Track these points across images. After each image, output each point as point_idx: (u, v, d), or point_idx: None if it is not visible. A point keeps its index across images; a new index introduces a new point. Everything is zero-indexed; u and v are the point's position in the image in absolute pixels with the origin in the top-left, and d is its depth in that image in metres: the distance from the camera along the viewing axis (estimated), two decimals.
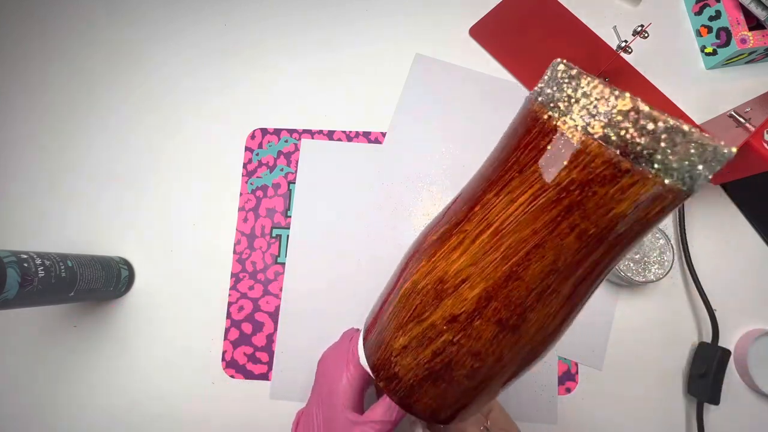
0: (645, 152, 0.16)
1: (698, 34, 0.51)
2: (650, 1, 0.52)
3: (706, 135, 0.17)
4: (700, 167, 0.17)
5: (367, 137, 0.51)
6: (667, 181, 0.17)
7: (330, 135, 0.51)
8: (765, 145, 0.36)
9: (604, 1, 0.53)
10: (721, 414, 0.44)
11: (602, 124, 0.16)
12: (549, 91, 0.19)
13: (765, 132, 0.36)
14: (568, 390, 0.45)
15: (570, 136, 0.17)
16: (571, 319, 0.22)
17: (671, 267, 0.43)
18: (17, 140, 0.53)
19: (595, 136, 0.17)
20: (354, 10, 0.54)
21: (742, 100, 0.45)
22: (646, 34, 0.43)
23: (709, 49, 0.49)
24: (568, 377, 0.45)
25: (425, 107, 0.51)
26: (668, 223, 0.47)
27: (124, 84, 0.54)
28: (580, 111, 0.17)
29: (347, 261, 0.48)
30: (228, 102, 0.52)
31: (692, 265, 0.45)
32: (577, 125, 0.17)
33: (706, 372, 0.42)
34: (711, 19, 0.49)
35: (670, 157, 0.16)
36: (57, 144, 0.53)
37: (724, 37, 0.47)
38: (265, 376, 0.46)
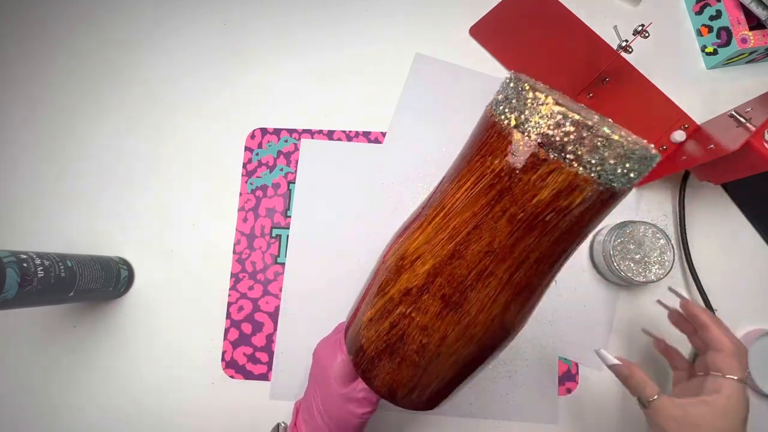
0: (559, 144, 0.19)
1: (699, 33, 0.50)
2: (650, 1, 0.52)
3: (622, 133, 0.19)
4: (612, 161, 0.19)
5: (367, 137, 0.51)
6: (579, 171, 0.19)
7: (330, 135, 0.51)
8: (765, 145, 0.36)
9: (604, 1, 0.52)
10: None
11: (531, 123, 0.19)
12: (499, 97, 0.22)
13: (765, 132, 0.36)
14: (569, 390, 0.45)
15: (505, 131, 0.20)
16: (518, 311, 0.23)
17: (672, 267, 0.43)
18: (17, 140, 0.53)
19: (523, 131, 0.20)
20: (354, 9, 0.54)
21: (742, 99, 0.45)
22: (646, 34, 0.43)
23: (709, 49, 0.49)
24: (568, 377, 0.45)
25: (425, 107, 0.51)
26: (668, 223, 0.47)
27: (123, 84, 0.54)
28: (516, 112, 0.20)
29: (347, 261, 0.48)
30: (228, 102, 0.52)
31: (692, 265, 0.45)
32: (511, 123, 0.20)
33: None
34: (711, 18, 0.48)
35: (580, 149, 0.18)
36: (56, 144, 0.53)
37: (725, 36, 0.47)
38: (264, 377, 0.46)
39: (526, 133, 0.20)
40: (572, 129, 0.18)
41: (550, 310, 0.46)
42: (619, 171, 0.19)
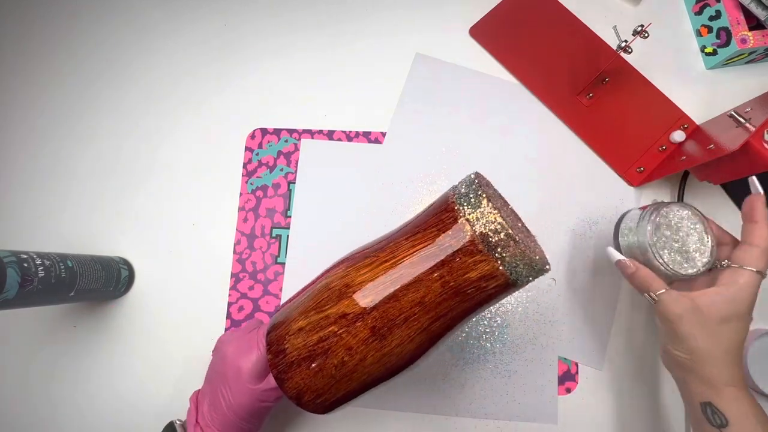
0: (493, 244, 0.26)
1: (698, 33, 0.51)
2: (650, 1, 0.52)
3: (531, 248, 0.27)
4: (521, 267, 0.26)
5: (367, 137, 0.51)
6: (500, 268, 0.26)
7: (330, 135, 0.51)
8: (765, 145, 0.36)
9: (604, 1, 0.53)
10: None
11: (479, 222, 0.26)
12: (462, 189, 0.28)
13: (765, 132, 0.36)
14: (568, 390, 0.45)
15: (459, 219, 0.27)
16: (424, 351, 0.29)
17: (713, 253, 0.36)
18: (17, 140, 0.53)
19: (471, 225, 0.26)
20: (354, 10, 0.54)
21: (742, 100, 0.45)
22: (646, 34, 0.43)
23: (709, 49, 0.49)
24: (568, 377, 0.45)
25: (425, 107, 0.51)
26: None
27: (124, 84, 0.54)
28: (471, 208, 0.27)
29: None
30: (228, 102, 0.52)
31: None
32: (465, 215, 0.27)
33: None
34: (711, 18, 0.48)
35: (504, 253, 0.26)
36: (57, 144, 0.53)
37: (725, 36, 0.47)
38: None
39: (473, 227, 0.26)
40: (504, 238, 0.26)
41: (550, 310, 0.46)
42: (524, 274, 0.26)
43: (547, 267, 0.28)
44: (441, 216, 0.28)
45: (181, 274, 0.49)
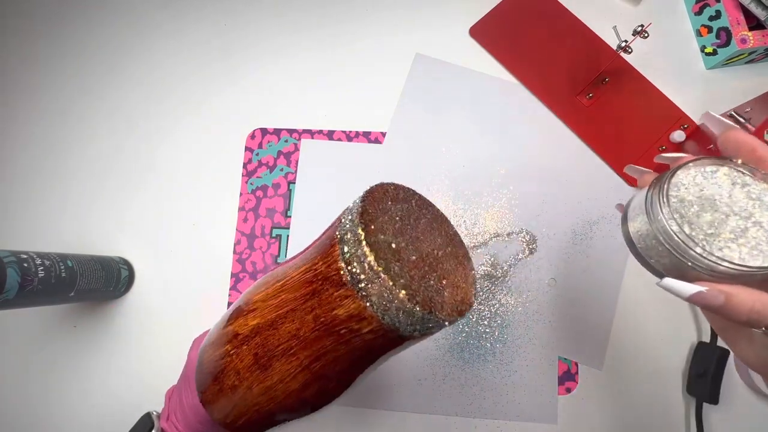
0: (357, 280, 0.20)
1: (698, 34, 0.51)
2: (650, 1, 0.52)
3: (401, 291, 0.20)
4: (394, 311, 0.20)
5: (367, 137, 0.51)
6: (368, 307, 0.20)
7: (330, 135, 0.51)
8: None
9: (604, 1, 0.53)
10: (720, 414, 0.44)
11: (351, 248, 0.21)
12: (345, 221, 0.23)
13: (765, 132, 0.36)
14: (568, 390, 0.45)
15: (336, 246, 0.22)
16: (316, 392, 0.25)
17: None
18: (17, 140, 0.53)
19: (343, 253, 0.21)
20: (354, 10, 0.54)
21: (742, 100, 0.45)
22: (646, 34, 0.43)
23: (709, 49, 0.49)
24: (568, 377, 0.45)
25: (425, 107, 0.51)
26: None
27: (124, 84, 0.54)
28: (346, 232, 0.22)
29: None
30: (228, 102, 0.52)
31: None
32: (343, 247, 0.21)
33: (705, 372, 0.42)
34: (711, 19, 0.49)
35: (371, 290, 0.20)
36: (57, 144, 0.53)
37: (724, 37, 0.47)
38: None
39: (343, 253, 0.21)
40: (368, 270, 0.20)
41: (550, 310, 0.46)
42: (404, 321, 0.20)
43: (440, 318, 0.21)
44: (325, 236, 0.24)
45: (181, 274, 0.49)
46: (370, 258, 0.20)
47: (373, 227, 0.21)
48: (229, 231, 0.50)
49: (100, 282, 0.44)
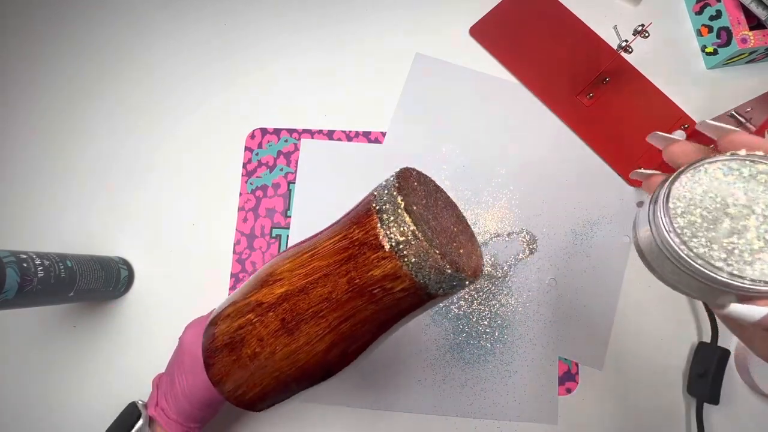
0: (396, 242, 0.23)
1: (699, 33, 0.50)
2: (650, 1, 0.52)
3: (449, 253, 0.24)
4: (427, 270, 0.23)
5: (367, 137, 0.51)
6: (404, 268, 0.23)
7: (330, 135, 0.51)
8: None
9: (604, 1, 0.52)
10: (720, 414, 0.44)
11: (389, 216, 0.24)
12: (383, 183, 0.26)
13: (765, 132, 0.36)
14: (568, 390, 0.45)
15: (371, 213, 0.25)
16: (338, 354, 0.27)
17: None
18: (17, 140, 0.53)
19: (381, 220, 0.24)
20: (354, 10, 0.54)
21: (742, 99, 0.45)
22: (646, 34, 0.43)
23: (709, 49, 0.49)
24: (568, 377, 0.45)
25: (425, 107, 0.51)
26: None
27: (123, 84, 0.54)
28: (385, 203, 0.24)
29: None
30: (228, 102, 0.52)
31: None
32: (378, 208, 0.24)
33: (706, 372, 0.42)
34: (712, 18, 0.48)
35: (408, 252, 0.23)
36: (57, 144, 0.52)
37: (725, 36, 0.47)
38: None
39: (381, 221, 0.24)
40: (410, 236, 0.23)
41: (550, 310, 0.46)
42: (434, 279, 0.23)
43: (464, 276, 0.24)
44: (359, 209, 0.27)
45: (181, 274, 0.49)
46: (409, 222, 0.23)
47: (408, 199, 0.24)
48: (228, 231, 0.50)
49: (99, 282, 0.44)
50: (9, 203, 0.51)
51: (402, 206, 0.23)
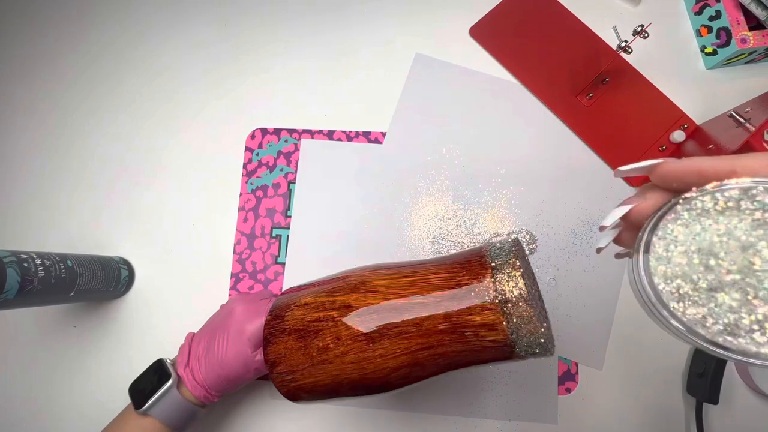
0: (504, 300, 0.26)
1: (698, 33, 0.51)
2: (650, 1, 0.52)
3: (540, 322, 0.25)
4: (524, 333, 0.25)
5: (367, 137, 0.51)
6: (504, 323, 0.25)
7: (330, 135, 0.51)
8: (765, 145, 0.36)
9: (604, 1, 0.53)
10: (720, 413, 0.44)
11: (502, 274, 0.26)
12: (498, 244, 0.29)
13: (765, 132, 0.36)
14: (568, 390, 0.45)
15: (486, 267, 0.27)
16: (402, 376, 0.28)
17: None
18: (18, 141, 0.53)
19: (494, 275, 0.27)
20: (354, 10, 0.54)
21: (742, 100, 0.45)
22: (646, 34, 0.43)
23: (709, 49, 0.49)
24: (568, 377, 0.45)
25: (425, 107, 0.51)
26: None
27: (124, 85, 0.54)
28: (500, 260, 0.27)
29: (347, 261, 0.48)
30: (228, 102, 0.52)
31: None
32: (492, 263, 0.27)
33: (705, 372, 0.42)
34: (711, 19, 0.49)
35: (513, 311, 0.25)
36: (57, 144, 0.53)
37: (724, 37, 0.47)
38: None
39: (494, 276, 0.26)
40: (517, 296, 0.25)
41: (551, 310, 0.46)
42: (524, 341, 0.26)
43: (549, 348, 0.26)
44: (469, 257, 0.29)
45: (181, 274, 0.49)
46: (522, 287, 0.25)
47: (523, 265, 0.27)
48: (229, 231, 0.50)
49: (100, 282, 0.44)
50: (10, 203, 0.51)
51: (520, 272, 0.26)
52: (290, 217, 0.49)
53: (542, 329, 0.25)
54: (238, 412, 0.46)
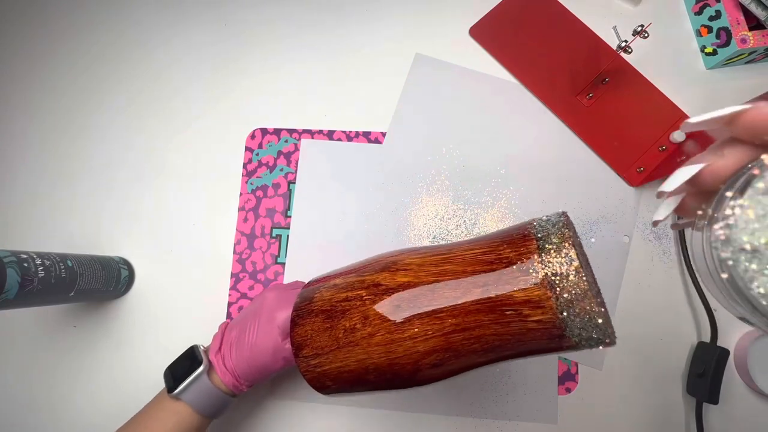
0: (553, 273, 0.22)
1: (698, 34, 0.51)
2: (650, 1, 0.52)
3: (599, 311, 0.22)
4: (577, 311, 0.22)
5: (367, 137, 0.51)
6: (551, 298, 0.22)
7: (330, 135, 0.51)
8: None
9: (604, 1, 0.53)
10: (720, 413, 0.44)
11: (552, 249, 0.23)
12: (544, 218, 0.25)
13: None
14: (568, 390, 0.45)
15: (530, 238, 0.24)
16: (432, 363, 0.26)
17: None
18: (18, 141, 0.53)
19: (541, 248, 0.23)
20: (354, 10, 0.54)
21: (742, 100, 0.45)
22: (646, 34, 0.43)
23: (709, 49, 0.49)
24: (568, 377, 0.45)
25: (425, 107, 0.51)
26: (667, 223, 0.47)
27: (124, 85, 0.54)
28: (549, 237, 0.24)
29: (347, 261, 0.48)
30: (228, 102, 0.52)
31: (691, 266, 0.45)
32: (541, 240, 0.24)
33: (705, 372, 0.42)
34: (711, 19, 0.48)
35: (562, 285, 0.22)
36: (58, 145, 0.53)
37: (724, 37, 0.47)
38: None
39: (541, 250, 0.23)
40: (572, 273, 0.22)
41: None
42: (578, 323, 0.22)
43: (609, 333, 0.22)
44: (510, 232, 0.26)
45: (181, 274, 0.49)
46: (574, 257, 0.22)
47: (570, 235, 0.23)
48: (229, 231, 0.50)
49: (100, 282, 0.44)
50: (10, 203, 0.51)
51: (570, 240, 0.23)
52: (290, 217, 0.49)
53: (599, 308, 0.21)
54: (238, 412, 0.46)
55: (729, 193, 0.15)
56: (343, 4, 0.54)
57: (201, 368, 0.36)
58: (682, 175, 0.17)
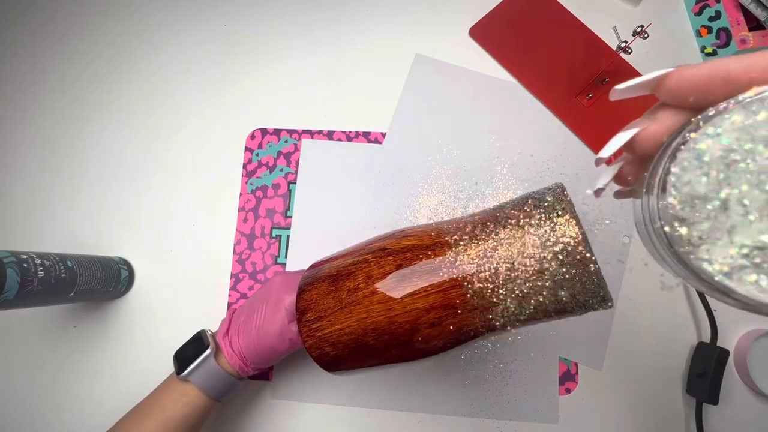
0: (553, 227, 0.25)
1: (698, 34, 0.51)
2: (650, 2, 0.52)
3: (591, 259, 0.24)
4: (571, 263, 0.24)
5: (367, 137, 0.51)
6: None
7: (330, 135, 0.51)
8: None
9: (604, 1, 0.53)
10: (719, 414, 0.44)
11: (549, 210, 0.25)
12: (540, 192, 0.27)
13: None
14: (568, 390, 0.45)
15: (528, 200, 0.26)
16: (430, 323, 0.26)
17: None
18: (18, 141, 0.53)
19: (542, 207, 0.25)
20: (354, 10, 0.54)
21: None
22: (646, 35, 0.43)
23: (708, 50, 0.49)
24: (568, 377, 0.45)
25: (425, 107, 0.51)
26: None
27: (124, 85, 0.54)
28: (548, 198, 0.26)
29: None
30: (228, 102, 0.52)
31: None
32: (537, 202, 0.26)
33: (705, 372, 0.42)
34: (711, 19, 0.49)
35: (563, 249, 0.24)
36: (58, 144, 0.53)
37: (724, 37, 0.47)
38: (265, 376, 0.46)
39: (541, 210, 0.25)
40: (570, 222, 0.24)
41: None
42: (577, 282, 0.25)
43: (604, 294, 0.25)
44: (518, 202, 0.27)
45: (181, 275, 0.49)
46: (571, 215, 0.24)
47: (569, 200, 0.26)
48: (229, 231, 0.50)
49: (100, 282, 0.44)
50: (10, 203, 0.51)
51: (568, 201, 0.25)
52: (290, 217, 0.49)
53: (594, 265, 0.23)
54: (238, 412, 0.46)
55: (663, 159, 0.15)
56: (343, 5, 0.54)
57: (208, 351, 0.37)
58: (617, 140, 0.18)
